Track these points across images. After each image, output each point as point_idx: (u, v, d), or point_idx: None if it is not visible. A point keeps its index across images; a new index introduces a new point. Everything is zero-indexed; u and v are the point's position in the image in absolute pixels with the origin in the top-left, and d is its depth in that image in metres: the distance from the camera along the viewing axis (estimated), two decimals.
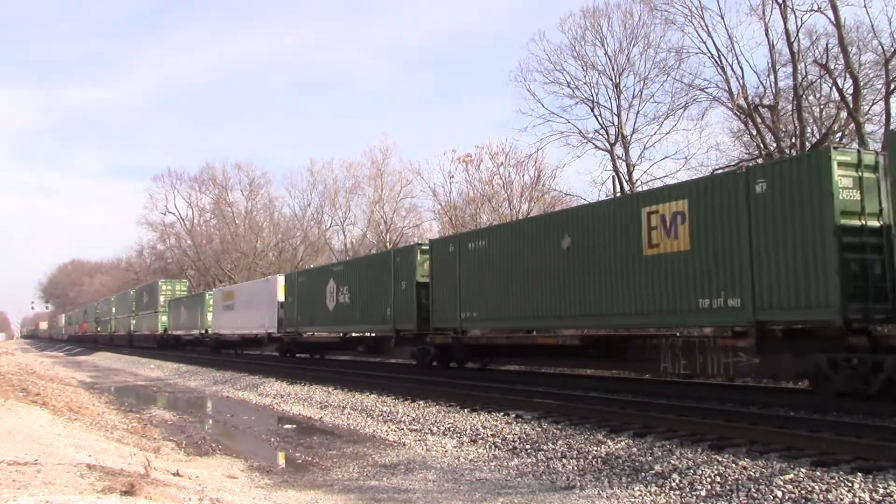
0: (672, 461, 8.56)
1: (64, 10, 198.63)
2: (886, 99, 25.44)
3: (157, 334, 50.39)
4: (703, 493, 7.55)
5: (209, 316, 40.98)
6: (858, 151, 11.22)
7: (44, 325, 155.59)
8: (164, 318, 49.97)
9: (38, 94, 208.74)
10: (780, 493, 7.04)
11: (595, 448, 9.71)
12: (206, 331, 41.23)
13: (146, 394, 24.05)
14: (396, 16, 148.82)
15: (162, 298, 51.13)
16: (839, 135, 27.50)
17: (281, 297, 30.39)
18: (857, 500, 6.60)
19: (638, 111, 34.69)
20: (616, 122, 34.74)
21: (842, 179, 10.68)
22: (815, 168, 10.91)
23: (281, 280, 31.31)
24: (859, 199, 10.75)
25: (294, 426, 14.76)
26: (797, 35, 27.26)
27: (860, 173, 10.83)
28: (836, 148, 11.04)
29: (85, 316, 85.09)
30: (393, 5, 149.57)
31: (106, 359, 46.98)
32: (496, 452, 10.51)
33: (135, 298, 58.83)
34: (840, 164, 10.73)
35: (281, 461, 11.11)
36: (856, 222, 10.67)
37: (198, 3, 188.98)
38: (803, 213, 10.90)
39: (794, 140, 27.72)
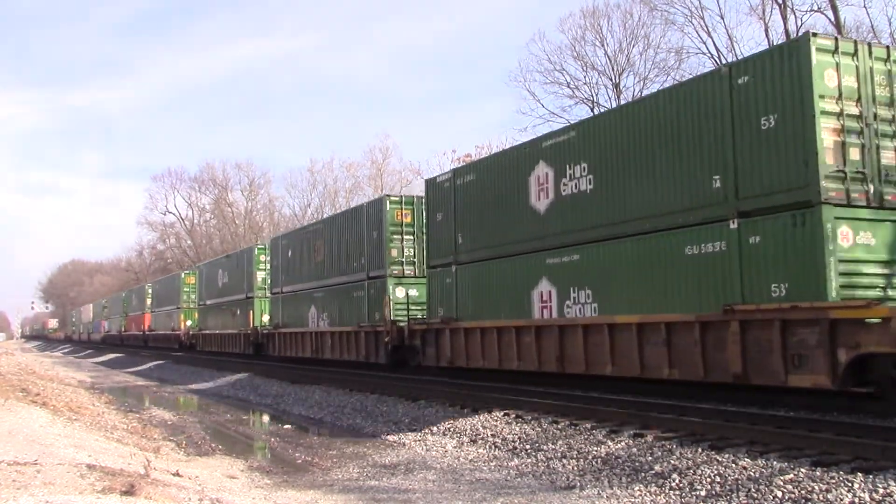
0: (672, 461, 8.56)
1: (69, 13, 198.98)
2: None
3: None
4: (703, 493, 7.54)
5: None
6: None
7: (53, 324, 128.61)
8: None
9: (43, 96, 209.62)
10: (780, 493, 7.03)
11: (595, 448, 9.71)
12: None
13: (146, 394, 24.06)
14: (397, 17, 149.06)
15: None
16: None
17: None
18: (857, 500, 6.60)
19: None
20: None
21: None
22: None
23: None
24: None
25: (294, 426, 14.76)
26: (797, 35, 27.30)
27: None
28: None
29: (147, 302, 48.62)
30: (394, 7, 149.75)
31: None
32: (496, 452, 10.51)
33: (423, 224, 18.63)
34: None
35: (281, 461, 11.10)
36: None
37: (200, 7, 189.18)
38: None
39: None
